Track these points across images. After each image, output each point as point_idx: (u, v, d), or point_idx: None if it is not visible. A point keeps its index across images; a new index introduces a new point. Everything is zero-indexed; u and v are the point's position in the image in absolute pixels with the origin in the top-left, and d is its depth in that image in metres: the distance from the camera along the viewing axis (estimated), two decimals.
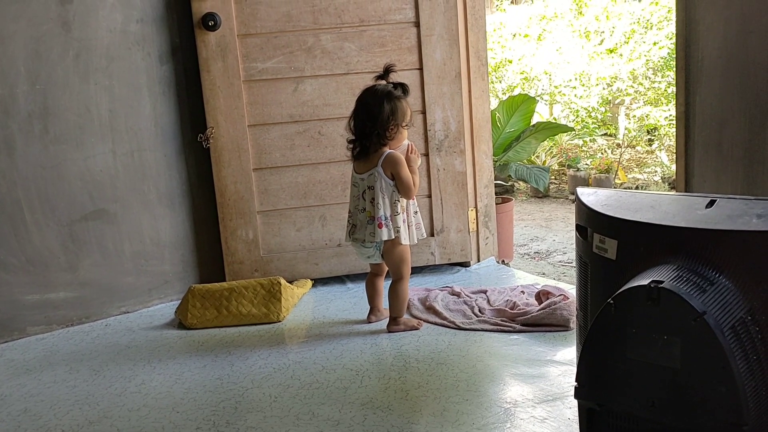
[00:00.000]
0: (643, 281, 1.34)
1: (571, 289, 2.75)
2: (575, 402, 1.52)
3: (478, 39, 3.23)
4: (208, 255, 3.20)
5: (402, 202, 2.55)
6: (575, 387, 1.48)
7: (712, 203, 1.47)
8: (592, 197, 1.64)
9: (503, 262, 3.51)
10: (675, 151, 2.70)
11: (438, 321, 2.71)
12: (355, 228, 2.60)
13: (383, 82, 2.53)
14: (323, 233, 3.20)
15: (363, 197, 2.56)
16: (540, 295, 2.74)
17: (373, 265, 2.70)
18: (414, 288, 3.01)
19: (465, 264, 3.35)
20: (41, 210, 2.87)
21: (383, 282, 2.75)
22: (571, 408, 1.98)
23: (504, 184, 5.22)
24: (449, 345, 2.51)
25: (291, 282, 3.10)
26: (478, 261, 3.36)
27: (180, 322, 2.87)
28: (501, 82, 6.74)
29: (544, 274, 3.54)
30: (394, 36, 3.09)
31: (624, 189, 4.66)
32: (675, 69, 2.62)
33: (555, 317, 2.57)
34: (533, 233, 4.46)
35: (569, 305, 2.59)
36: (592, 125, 6.18)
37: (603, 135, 6.41)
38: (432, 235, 3.23)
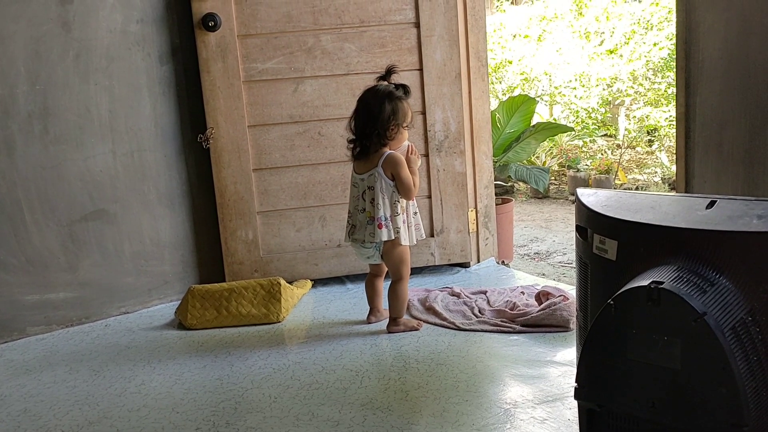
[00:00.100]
0: (644, 282, 1.34)
1: (571, 290, 2.74)
2: (575, 403, 1.52)
3: (478, 40, 3.23)
4: (207, 255, 3.20)
5: (402, 202, 2.55)
6: (575, 388, 1.48)
7: (712, 204, 1.46)
8: (592, 198, 1.64)
9: (503, 262, 3.51)
10: (675, 152, 2.70)
11: (438, 322, 2.71)
12: (355, 228, 2.59)
13: (385, 82, 2.53)
14: (323, 234, 3.20)
15: (363, 197, 2.56)
16: (540, 296, 2.74)
17: (373, 266, 2.70)
18: (414, 289, 3.00)
19: (465, 265, 3.35)
20: (41, 210, 2.87)
21: (383, 283, 2.75)
22: (571, 409, 1.98)
23: (504, 184, 5.22)
24: (449, 346, 2.51)
25: (291, 282, 3.10)
26: (477, 262, 3.36)
27: (180, 322, 2.87)
28: (501, 82, 6.74)
29: (544, 274, 3.54)
30: (394, 37, 3.09)
31: (624, 190, 4.65)
32: (675, 70, 2.62)
33: (555, 318, 2.56)
34: (533, 234, 4.46)
35: (569, 306, 2.59)
36: (592, 126, 6.18)
37: (603, 136, 6.41)
38: (432, 236, 3.23)
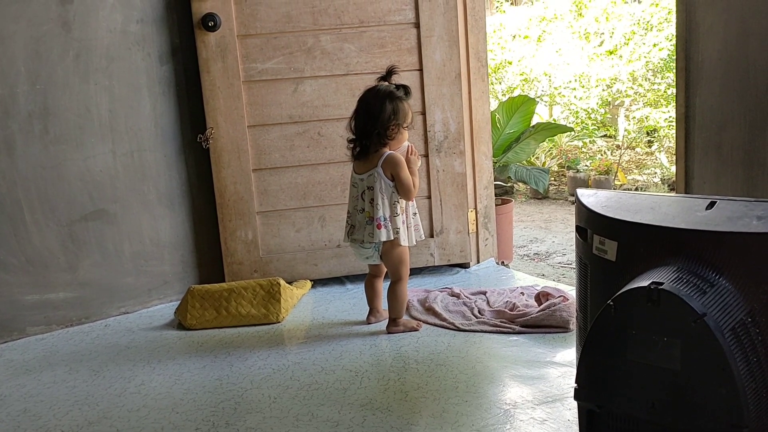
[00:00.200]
0: (643, 283, 1.34)
1: (571, 291, 2.75)
2: (575, 403, 1.52)
3: (478, 40, 3.23)
4: (207, 255, 3.20)
5: (401, 203, 2.55)
6: (575, 388, 1.48)
7: (712, 205, 1.46)
8: (592, 198, 1.64)
9: (503, 263, 3.51)
10: (675, 153, 2.70)
11: (437, 322, 2.71)
12: (354, 229, 2.59)
13: (386, 83, 2.53)
14: (322, 234, 3.20)
15: (362, 198, 2.56)
16: (539, 297, 2.74)
17: (372, 267, 2.70)
18: (413, 289, 3.00)
19: (464, 265, 3.35)
20: (41, 210, 2.87)
21: (382, 283, 2.75)
22: (571, 409, 1.98)
23: (504, 185, 5.22)
24: (448, 346, 2.51)
25: (290, 283, 3.10)
26: (477, 262, 3.36)
27: (179, 322, 2.87)
28: (501, 83, 6.75)
29: (543, 275, 3.54)
30: (393, 37, 3.09)
31: (623, 190, 4.66)
32: (675, 71, 2.62)
33: (555, 318, 2.57)
34: (533, 234, 4.46)
35: (569, 306, 2.59)
36: (591, 127, 6.18)
37: (602, 136, 6.42)
38: (431, 236, 3.23)
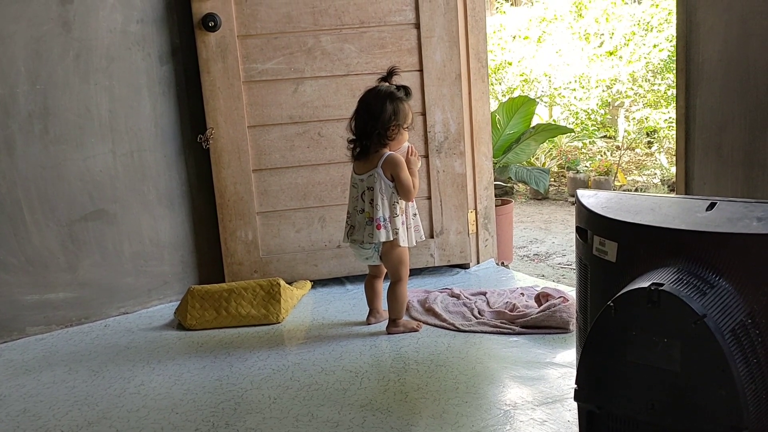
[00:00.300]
0: (644, 284, 1.34)
1: (571, 292, 2.74)
2: (575, 404, 1.52)
3: (478, 41, 3.23)
4: (207, 256, 3.20)
5: (401, 203, 2.55)
6: (575, 389, 1.48)
7: (712, 206, 1.46)
8: (592, 199, 1.64)
9: (503, 264, 3.51)
10: (675, 154, 2.70)
11: (437, 323, 2.71)
12: (354, 229, 2.59)
13: (386, 83, 2.53)
14: (323, 234, 3.20)
15: (362, 198, 2.56)
16: (539, 297, 2.74)
17: (372, 267, 2.70)
18: (413, 290, 3.00)
19: (464, 266, 3.35)
20: (41, 210, 2.87)
21: (382, 284, 2.75)
22: (571, 410, 1.98)
23: (504, 185, 5.22)
24: (448, 347, 2.51)
25: (290, 283, 3.10)
26: (477, 263, 3.36)
27: (179, 323, 2.87)
28: (501, 84, 6.75)
29: (543, 276, 3.54)
30: (394, 37, 3.09)
31: (623, 191, 4.66)
32: (675, 71, 2.62)
33: (555, 319, 2.56)
34: (533, 235, 4.46)
35: (569, 307, 2.59)
36: (591, 127, 6.19)
37: (602, 137, 6.42)
38: (431, 237, 3.23)
